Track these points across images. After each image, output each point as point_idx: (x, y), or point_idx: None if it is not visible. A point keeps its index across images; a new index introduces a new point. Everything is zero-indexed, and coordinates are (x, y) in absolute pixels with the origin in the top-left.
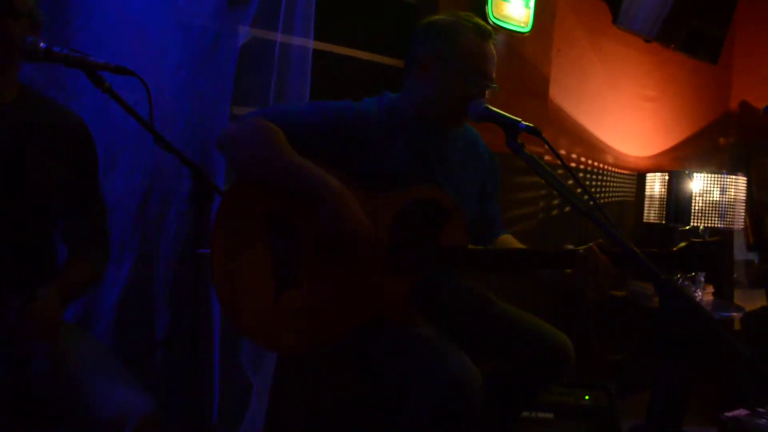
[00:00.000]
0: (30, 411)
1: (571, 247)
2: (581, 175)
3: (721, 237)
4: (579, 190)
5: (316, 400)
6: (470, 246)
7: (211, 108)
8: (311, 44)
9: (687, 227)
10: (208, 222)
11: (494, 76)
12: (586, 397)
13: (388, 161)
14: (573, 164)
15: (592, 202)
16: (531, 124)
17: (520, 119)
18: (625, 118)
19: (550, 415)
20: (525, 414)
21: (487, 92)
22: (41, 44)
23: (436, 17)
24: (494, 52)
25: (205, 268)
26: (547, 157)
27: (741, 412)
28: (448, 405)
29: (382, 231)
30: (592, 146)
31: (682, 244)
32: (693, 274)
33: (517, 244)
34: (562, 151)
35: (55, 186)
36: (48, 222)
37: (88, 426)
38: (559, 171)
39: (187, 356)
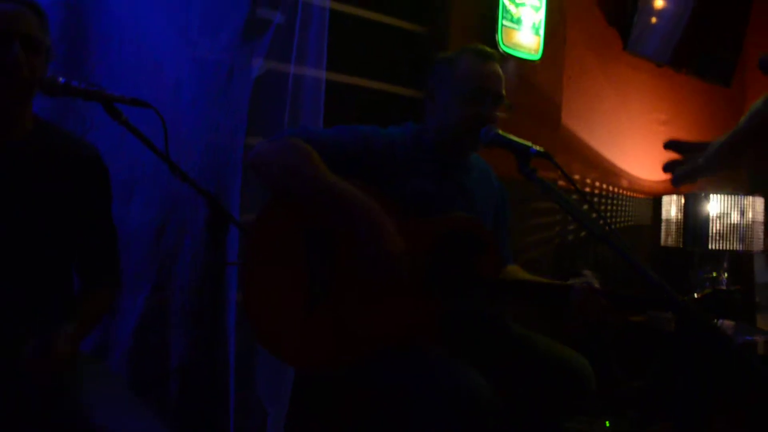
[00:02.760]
0: None
1: (588, 272)
2: (596, 200)
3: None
4: (594, 215)
5: (331, 428)
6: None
7: (226, 139)
8: (324, 75)
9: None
10: (223, 251)
11: (503, 93)
12: (607, 424)
13: (412, 188)
14: (588, 189)
15: (607, 227)
16: (542, 149)
17: (531, 144)
18: (638, 143)
19: None
20: None
21: (500, 112)
22: (60, 79)
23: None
24: (497, 70)
25: (222, 297)
26: (561, 182)
27: None
28: (461, 419)
29: (419, 255)
30: (607, 171)
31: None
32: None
33: (525, 275)
34: (576, 176)
35: (69, 218)
36: (63, 256)
37: None
38: (574, 196)
39: (202, 384)
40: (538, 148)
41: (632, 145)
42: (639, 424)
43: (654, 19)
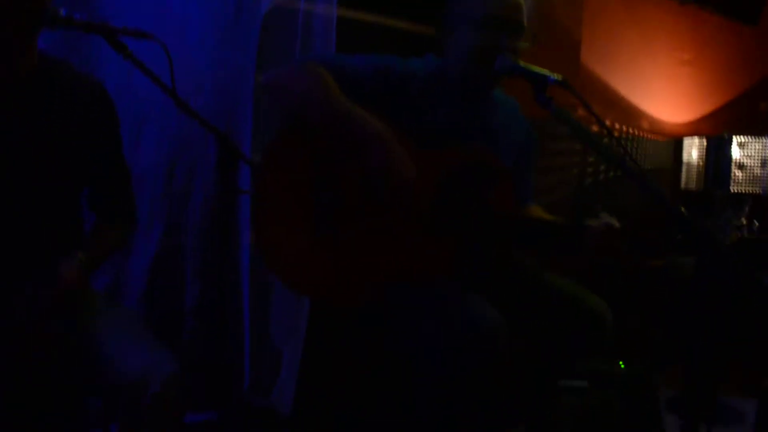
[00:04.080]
0: (55, 375)
1: (606, 215)
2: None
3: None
4: (616, 147)
5: (346, 367)
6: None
7: (235, 77)
8: (335, 11)
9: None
10: (234, 190)
11: (523, 23)
12: (621, 365)
13: (430, 120)
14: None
15: (627, 156)
16: (560, 77)
17: (549, 72)
18: (660, 83)
19: (585, 384)
20: (559, 382)
21: (522, 42)
22: (62, 11)
23: None
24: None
25: (234, 238)
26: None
27: None
28: (470, 351)
29: (430, 187)
30: (627, 112)
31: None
32: None
33: (544, 215)
34: None
35: (77, 152)
36: (73, 189)
37: (113, 388)
38: (595, 128)
39: (217, 325)
40: (556, 76)
41: (654, 86)
42: (653, 366)
43: None
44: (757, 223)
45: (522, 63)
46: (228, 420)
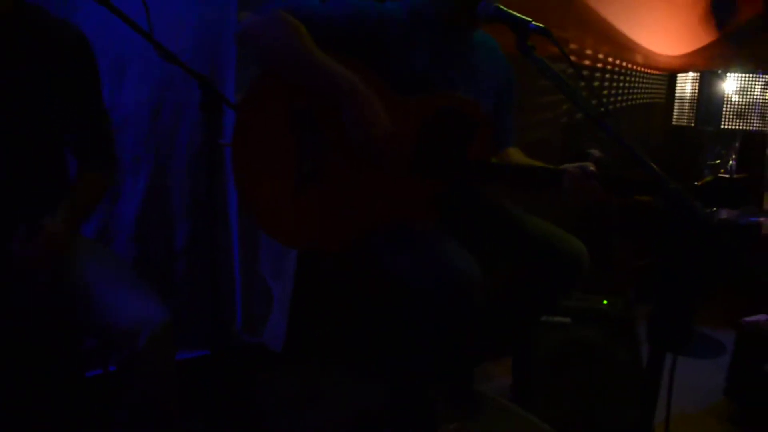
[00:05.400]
0: (47, 323)
1: (596, 152)
2: (608, 76)
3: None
4: (590, 97)
5: (336, 304)
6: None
7: (217, 13)
8: None
9: (717, 130)
10: (219, 132)
11: None
12: (604, 302)
13: (409, 64)
14: (600, 65)
15: (602, 109)
16: (542, 25)
17: (530, 19)
18: (656, 15)
19: (568, 320)
20: (542, 318)
21: None
22: None
23: None
24: None
25: (220, 179)
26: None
27: (761, 317)
28: (447, 297)
29: (408, 135)
30: (621, 45)
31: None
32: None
33: (523, 158)
34: (588, 51)
35: (56, 98)
36: (54, 138)
37: (104, 336)
38: (585, 72)
39: (207, 265)
40: (537, 24)
41: (649, 18)
42: (635, 302)
43: None
44: (732, 162)
45: (504, 8)
46: (221, 357)
